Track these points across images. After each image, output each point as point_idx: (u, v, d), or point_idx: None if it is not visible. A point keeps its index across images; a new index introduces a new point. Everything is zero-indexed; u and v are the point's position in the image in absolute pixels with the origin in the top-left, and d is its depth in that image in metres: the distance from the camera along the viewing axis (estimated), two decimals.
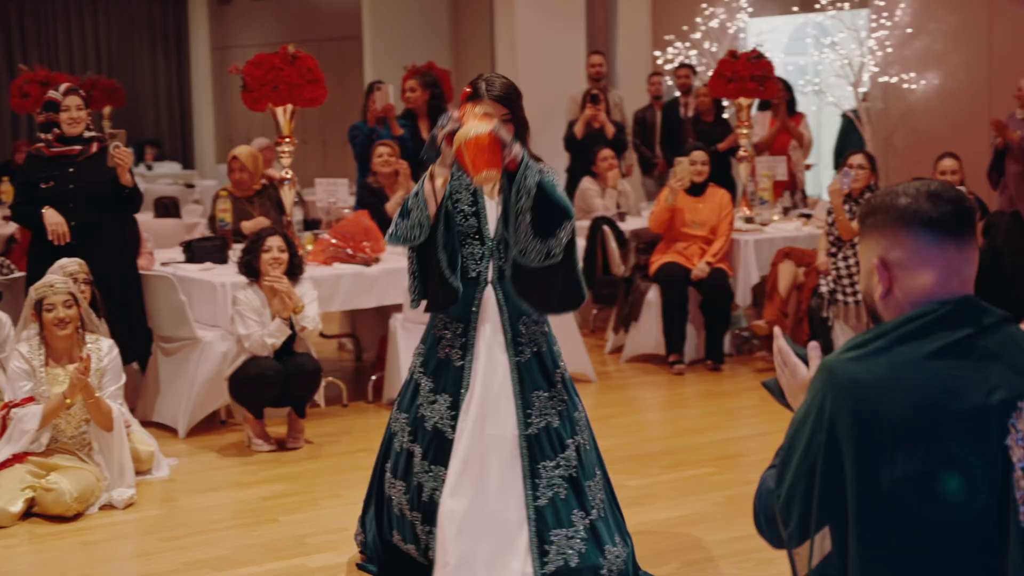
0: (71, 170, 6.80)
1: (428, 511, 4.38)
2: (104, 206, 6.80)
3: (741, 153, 9.26)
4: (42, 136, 6.91)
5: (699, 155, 8.27)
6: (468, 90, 4.37)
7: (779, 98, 10.16)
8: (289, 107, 7.64)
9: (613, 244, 8.92)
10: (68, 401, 5.76)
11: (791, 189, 9.98)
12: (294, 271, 6.67)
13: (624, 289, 8.74)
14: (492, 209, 4.42)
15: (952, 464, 2.34)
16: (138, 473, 6.17)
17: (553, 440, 4.40)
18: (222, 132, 18.53)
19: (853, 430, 2.36)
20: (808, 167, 11.13)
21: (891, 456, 2.35)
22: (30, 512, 5.70)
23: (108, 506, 5.82)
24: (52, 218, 6.71)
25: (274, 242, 6.61)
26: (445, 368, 4.43)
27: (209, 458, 6.62)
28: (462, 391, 4.37)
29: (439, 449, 4.37)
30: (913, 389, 2.36)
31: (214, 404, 7.06)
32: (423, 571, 4.45)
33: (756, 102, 9.85)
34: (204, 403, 7.01)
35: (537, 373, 4.43)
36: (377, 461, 4.71)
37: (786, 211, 9.69)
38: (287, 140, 7.70)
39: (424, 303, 4.48)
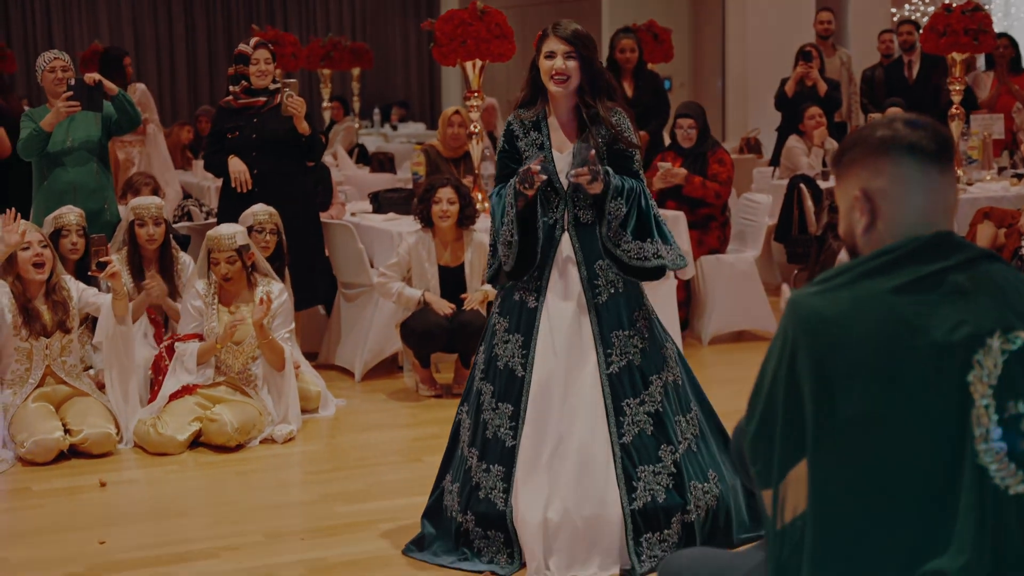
0: (255, 120, 7.10)
1: (489, 449, 4.46)
2: (284, 155, 7.08)
3: (952, 111, 8.88)
4: (231, 88, 7.24)
5: (893, 112, 7.98)
6: (540, 35, 4.47)
7: (1001, 55, 9.67)
8: (478, 62, 7.79)
9: (809, 203, 8.72)
10: (218, 346, 6.09)
11: (1010, 148, 9.50)
12: (464, 222, 6.81)
13: (816, 248, 8.54)
14: (562, 161, 4.45)
15: (909, 401, 2.27)
16: (306, 411, 6.45)
17: (635, 378, 4.43)
18: None
19: (811, 365, 2.32)
20: None
21: (848, 392, 2.29)
22: (198, 442, 6.04)
23: (269, 440, 6.11)
24: (236, 166, 7.04)
25: (444, 193, 6.75)
26: (519, 310, 4.50)
27: (377, 400, 6.86)
28: (534, 332, 4.45)
29: (508, 387, 4.46)
30: (873, 324, 2.30)
31: (389, 350, 7.28)
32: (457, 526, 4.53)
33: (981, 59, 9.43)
34: (380, 348, 7.24)
35: (616, 313, 4.46)
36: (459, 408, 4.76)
37: (1001, 171, 9.25)
38: (476, 94, 7.85)
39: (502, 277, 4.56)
